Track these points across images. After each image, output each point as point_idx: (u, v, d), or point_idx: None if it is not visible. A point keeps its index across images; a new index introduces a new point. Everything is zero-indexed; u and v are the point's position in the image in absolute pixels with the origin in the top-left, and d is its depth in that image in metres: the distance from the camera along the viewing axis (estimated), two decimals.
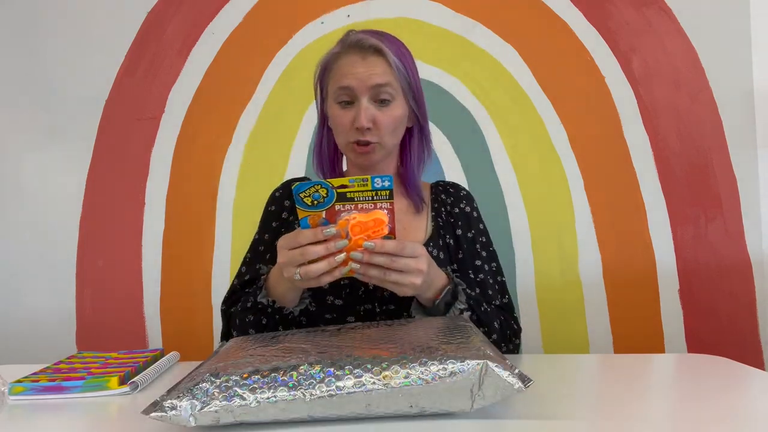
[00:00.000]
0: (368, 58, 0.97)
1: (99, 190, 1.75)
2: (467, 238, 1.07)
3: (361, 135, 0.97)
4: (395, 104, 0.99)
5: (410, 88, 1.00)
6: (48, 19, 1.77)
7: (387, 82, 0.97)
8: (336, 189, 0.79)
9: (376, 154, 1.00)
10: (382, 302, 0.98)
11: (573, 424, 0.64)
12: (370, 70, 0.96)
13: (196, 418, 0.61)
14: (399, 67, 0.98)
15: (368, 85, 0.96)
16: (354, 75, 0.97)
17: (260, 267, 1.04)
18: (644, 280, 1.60)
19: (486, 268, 1.06)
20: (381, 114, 0.97)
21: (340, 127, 1.00)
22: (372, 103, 0.97)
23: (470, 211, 1.11)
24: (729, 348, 1.57)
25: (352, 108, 0.98)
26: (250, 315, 0.95)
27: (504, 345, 0.99)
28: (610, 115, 1.62)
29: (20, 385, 0.84)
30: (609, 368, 0.94)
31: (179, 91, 1.73)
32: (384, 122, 0.97)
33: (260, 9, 1.72)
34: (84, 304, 1.74)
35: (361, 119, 0.95)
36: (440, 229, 1.06)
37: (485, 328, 0.94)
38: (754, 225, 1.57)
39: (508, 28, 1.65)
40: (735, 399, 0.73)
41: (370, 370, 0.62)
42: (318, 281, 0.81)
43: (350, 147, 1.00)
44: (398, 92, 0.99)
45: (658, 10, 1.61)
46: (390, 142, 1.01)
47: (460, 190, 1.15)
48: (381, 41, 0.98)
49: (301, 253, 0.79)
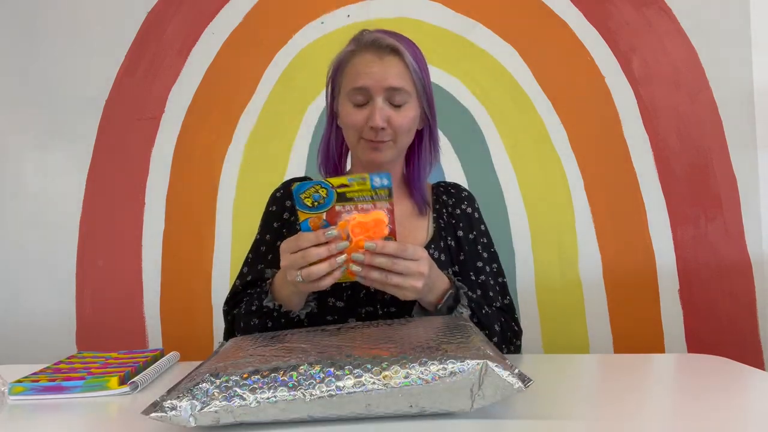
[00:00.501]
0: (385, 57, 0.96)
1: (99, 190, 1.75)
2: (468, 239, 1.07)
3: (375, 135, 0.96)
4: (410, 105, 0.98)
5: (424, 90, 1.00)
6: (48, 19, 1.77)
7: (402, 86, 0.96)
8: (336, 189, 0.78)
9: (388, 151, 0.99)
10: (384, 304, 0.98)
11: (573, 424, 0.64)
12: (387, 70, 0.96)
13: (196, 419, 0.61)
14: (415, 68, 0.97)
15: (384, 86, 0.95)
16: (369, 75, 0.96)
17: (262, 267, 1.04)
18: (644, 280, 1.60)
19: (487, 269, 1.06)
20: (396, 114, 0.97)
21: (352, 124, 0.98)
22: (386, 103, 0.96)
23: (471, 212, 1.11)
24: (729, 348, 1.57)
25: (366, 107, 0.97)
26: (255, 318, 0.95)
27: (505, 347, 0.99)
28: (610, 115, 1.62)
29: (20, 385, 0.84)
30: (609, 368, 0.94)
31: (179, 91, 1.73)
32: (399, 123, 0.97)
33: (260, 9, 1.72)
34: (84, 304, 1.74)
35: (376, 119, 0.94)
36: (441, 231, 1.06)
37: (486, 331, 0.94)
38: (754, 225, 1.57)
39: (508, 28, 1.65)
40: (735, 399, 0.73)
41: (370, 370, 0.62)
42: (320, 283, 0.80)
43: (362, 144, 0.99)
44: (413, 94, 0.98)
45: (658, 10, 1.61)
46: (403, 142, 1.00)
47: (462, 191, 1.15)
48: (398, 41, 0.97)
49: (303, 256, 0.79)
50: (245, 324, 0.96)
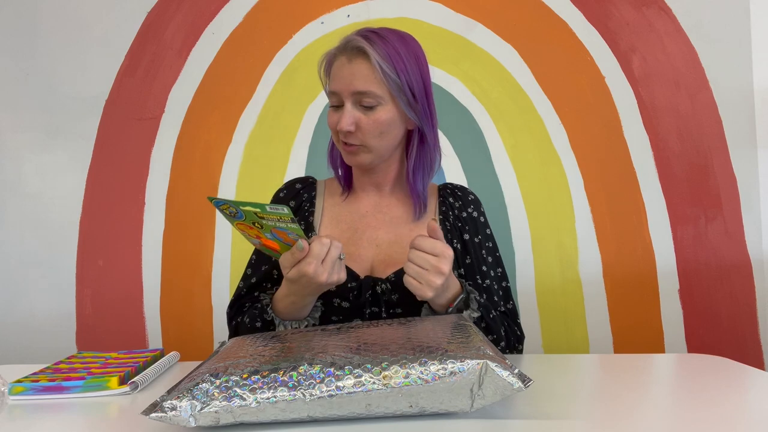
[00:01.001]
0: (354, 60, 0.95)
1: (99, 190, 1.75)
2: (474, 243, 1.07)
3: (345, 137, 0.98)
4: (382, 108, 0.96)
5: (402, 90, 0.95)
6: (48, 19, 1.77)
7: (367, 90, 0.94)
8: (243, 208, 0.81)
9: (362, 156, 0.99)
10: (389, 305, 0.98)
11: (573, 424, 0.64)
12: (354, 73, 0.95)
13: (196, 419, 0.61)
14: (384, 69, 0.94)
15: (350, 90, 0.95)
16: (339, 78, 0.96)
17: (267, 268, 1.04)
18: (644, 280, 1.60)
19: (492, 273, 1.06)
20: (365, 118, 0.96)
21: (330, 127, 1.01)
22: (357, 106, 0.96)
23: (477, 216, 1.10)
24: (729, 348, 1.57)
25: (339, 110, 0.98)
26: (258, 322, 0.96)
27: (508, 351, 1.00)
28: (610, 115, 1.62)
29: (20, 385, 0.84)
30: (609, 368, 0.94)
31: (179, 91, 1.73)
32: (366, 126, 0.96)
33: (260, 9, 1.72)
34: (84, 304, 1.74)
35: (341, 123, 0.95)
36: (448, 234, 1.05)
37: (494, 335, 0.94)
38: (754, 225, 1.57)
39: (508, 28, 1.65)
40: (735, 399, 0.72)
41: (369, 370, 0.62)
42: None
43: (341, 146, 1.01)
44: (385, 96, 0.95)
45: (658, 10, 1.61)
46: (377, 145, 0.98)
47: (468, 194, 1.13)
48: (368, 42, 0.94)
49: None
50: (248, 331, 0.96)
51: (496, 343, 0.94)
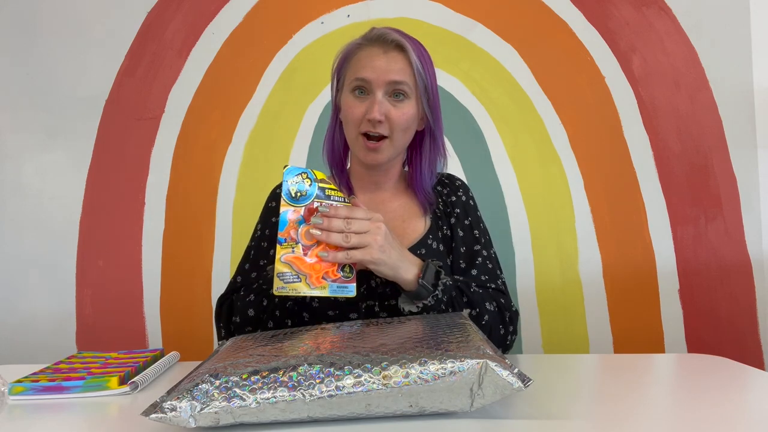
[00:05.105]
0: (390, 52, 0.97)
1: (99, 190, 1.75)
2: (464, 225, 1.08)
3: (372, 127, 0.97)
4: (409, 102, 0.98)
5: (425, 90, 0.99)
6: (48, 19, 1.77)
7: (404, 80, 0.97)
8: (318, 183, 0.87)
9: (385, 152, 0.99)
10: (383, 298, 0.99)
11: (573, 423, 0.64)
12: (390, 65, 0.96)
13: (195, 419, 0.61)
14: (418, 67, 0.97)
15: (386, 80, 0.96)
16: (373, 68, 0.96)
17: (265, 263, 1.04)
18: (644, 280, 1.60)
19: (484, 252, 1.07)
20: (395, 110, 0.97)
21: (351, 117, 0.99)
22: (386, 98, 0.97)
23: (466, 200, 1.11)
24: (729, 348, 1.57)
25: (365, 100, 0.97)
26: (251, 295, 0.97)
27: (502, 327, 0.98)
28: (610, 115, 1.62)
29: (20, 385, 0.84)
30: (609, 368, 0.94)
31: (179, 91, 1.73)
32: (397, 118, 0.97)
33: (260, 9, 1.72)
34: (84, 304, 1.74)
35: (374, 111, 0.95)
36: (438, 221, 1.07)
37: (476, 309, 0.94)
38: (754, 225, 1.57)
39: (508, 28, 1.65)
40: (735, 399, 0.72)
41: (369, 369, 0.62)
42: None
43: (359, 142, 0.99)
44: (413, 92, 0.98)
45: (658, 10, 1.61)
46: (400, 140, 1.00)
47: (455, 180, 1.15)
48: (405, 39, 0.98)
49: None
50: (242, 303, 0.97)
51: (479, 317, 0.94)
